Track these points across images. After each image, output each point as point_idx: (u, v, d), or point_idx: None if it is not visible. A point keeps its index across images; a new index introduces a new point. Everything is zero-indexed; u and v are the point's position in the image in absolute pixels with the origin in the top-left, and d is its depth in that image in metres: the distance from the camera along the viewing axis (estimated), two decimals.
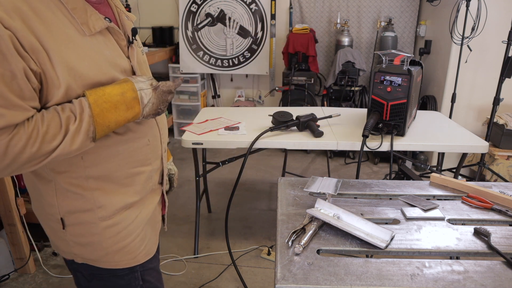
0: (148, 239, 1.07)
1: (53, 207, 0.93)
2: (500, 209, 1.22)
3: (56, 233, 0.98)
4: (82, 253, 0.98)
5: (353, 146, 1.99)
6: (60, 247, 1.01)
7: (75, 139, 0.80)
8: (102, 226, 0.95)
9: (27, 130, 0.76)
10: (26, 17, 0.74)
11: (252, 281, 2.13)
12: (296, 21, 4.12)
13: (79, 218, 0.94)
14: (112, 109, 0.84)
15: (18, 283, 2.09)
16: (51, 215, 0.95)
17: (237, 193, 3.13)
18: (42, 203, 0.96)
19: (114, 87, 0.86)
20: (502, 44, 2.70)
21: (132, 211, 1.00)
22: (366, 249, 1.01)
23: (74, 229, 0.95)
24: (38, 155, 0.77)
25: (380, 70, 1.94)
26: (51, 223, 0.97)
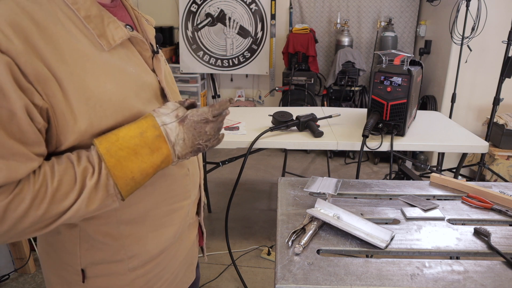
0: (178, 280, 0.93)
1: (74, 257, 0.77)
2: (500, 209, 1.22)
3: (70, 286, 0.80)
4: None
5: (353, 146, 1.99)
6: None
7: (93, 197, 0.64)
8: (132, 277, 0.80)
9: (32, 188, 0.59)
10: (29, 35, 0.58)
11: (252, 281, 2.13)
12: (296, 21, 4.12)
13: (105, 270, 0.78)
14: (131, 156, 0.66)
15: (18, 283, 2.09)
16: (69, 266, 0.78)
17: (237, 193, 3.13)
18: (57, 250, 0.79)
19: (130, 127, 0.67)
20: (502, 44, 2.70)
21: (167, 255, 0.86)
22: (366, 249, 1.01)
23: (97, 282, 0.79)
24: (45, 218, 0.61)
25: (380, 70, 1.94)
26: (66, 275, 0.79)
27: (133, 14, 0.83)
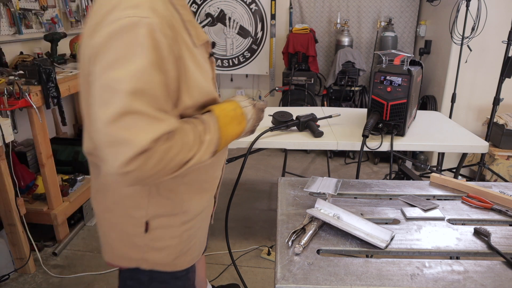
0: (202, 241, 1.12)
1: (141, 210, 0.92)
2: (500, 209, 1.22)
3: (129, 238, 0.94)
4: (154, 258, 0.97)
5: (353, 146, 1.99)
6: (127, 255, 0.96)
7: (208, 150, 0.84)
8: (181, 230, 0.98)
9: (179, 139, 0.78)
10: (172, 24, 0.79)
11: (252, 281, 2.13)
12: (296, 21, 4.12)
13: (164, 222, 0.94)
14: (230, 123, 0.92)
15: (18, 283, 2.09)
16: (134, 219, 0.92)
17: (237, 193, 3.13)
18: (124, 206, 0.92)
19: (227, 103, 0.94)
20: (502, 44, 2.70)
21: (202, 216, 1.04)
22: (366, 249, 1.01)
23: (156, 232, 0.94)
24: (180, 163, 0.78)
25: (380, 70, 1.93)
26: (129, 228, 0.93)
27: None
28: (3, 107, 1.92)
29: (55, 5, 3.06)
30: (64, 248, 2.39)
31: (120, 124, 0.69)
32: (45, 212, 2.32)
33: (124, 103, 0.69)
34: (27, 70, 2.13)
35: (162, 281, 1.01)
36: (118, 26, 0.71)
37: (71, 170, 2.71)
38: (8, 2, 2.55)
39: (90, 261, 2.27)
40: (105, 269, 2.20)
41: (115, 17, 0.72)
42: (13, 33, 2.64)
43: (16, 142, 2.65)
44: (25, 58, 2.61)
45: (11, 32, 2.63)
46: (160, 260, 0.98)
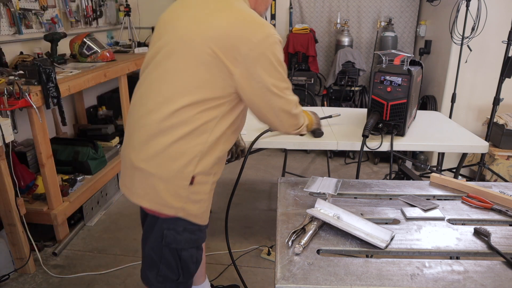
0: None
1: (192, 166, 1.12)
2: (500, 209, 1.22)
3: (176, 189, 1.14)
4: (190, 209, 1.18)
5: (353, 146, 1.99)
6: (170, 203, 1.15)
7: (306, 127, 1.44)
8: (210, 188, 1.22)
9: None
10: None
11: (252, 281, 2.13)
12: (296, 21, 4.12)
13: (203, 179, 1.17)
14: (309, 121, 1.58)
15: (18, 283, 2.09)
16: (183, 173, 1.12)
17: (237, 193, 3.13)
18: (180, 162, 1.12)
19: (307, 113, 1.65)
20: (502, 44, 2.70)
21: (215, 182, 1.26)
22: (366, 249, 1.02)
23: (196, 186, 1.16)
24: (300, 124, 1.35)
25: (380, 70, 1.93)
26: (178, 180, 1.13)
27: None
28: (3, 107, 1.92)
29: (55, 5, 3.06)
30: (64, 248, 2.39)
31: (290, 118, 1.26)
32: (45, 212, 2.32)
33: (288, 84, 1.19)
34: (27, 70, 2.13)
35: (192, 231, 1.23)
36: (275, 40, 1.11)
37: (71, 170, 2.71)
38: (8, 2, 2.55)
39: (90, 261, 2.27)
40: (105, 269, 2.20)
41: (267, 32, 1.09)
42: (13, 33, 2.65)
43: (16, 142, 2.65)
44: (25, 58, 2.61)
45: (11, 32, 2.63)
46: (194, 211, 1.19)
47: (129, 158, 1.17)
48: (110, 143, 3.26)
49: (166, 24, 1.17)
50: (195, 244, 1.26)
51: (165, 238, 1.20)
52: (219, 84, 1.07)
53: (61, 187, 2.43)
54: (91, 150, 2.75)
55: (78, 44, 2.88)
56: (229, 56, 1.03)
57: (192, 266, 1.28)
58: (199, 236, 1.26)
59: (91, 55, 2.90)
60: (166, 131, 1.10)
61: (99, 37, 3.15)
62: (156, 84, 1.12)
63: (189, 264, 1.27)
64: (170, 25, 1.15)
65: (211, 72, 1.05)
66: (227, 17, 1.05)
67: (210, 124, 1.10)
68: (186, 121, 1.08)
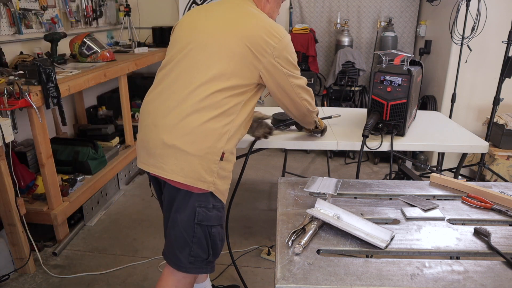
0: None
1: (222, 143, 1.28)
2: (500, 209, 1.22)
3: (209, 164, 1.27)
4: (219, 184, 1.31)
5: (353, 146, 1.99)
6: (204, 177, 1.27)
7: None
8: (232, 167, 1.37)
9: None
10: None
11: (252, 281, 2.13)
12: (296, 21, 4.12)
13: (229, 157, 1.33)
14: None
15: (18, 283, 2.09)
16: (215, 149, 1.27)
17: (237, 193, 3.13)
18: (212, 139, 1.27)
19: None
20: (502, 44, 2.70)
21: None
22: (366, 249, 1.02)
23: (224, 163, 1.31)
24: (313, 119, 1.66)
25: (380, 70, 1.93)
26: (211, 156, 1.27)
27: None
28: (3, 107, 1.92)
29: (55, 5, 3.06)
30: (64, 248, 2.39)
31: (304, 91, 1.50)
32: (45, 212, 2.32)
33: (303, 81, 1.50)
34: (27, 70, 2.13)
35: (218, 209, 1.35)
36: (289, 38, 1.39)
37: (71, 170, 2.71)
38: (8, 2, 2.55)
39: (90, 261, 2.27)
40: (105, 269, 2.20)
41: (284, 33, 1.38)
42: (13, 33, 2.65)
43: (16, 142, 2.65)
44: (25, 58, 2.61)
45: (11, 32, 2.63)
46: (221, 186, 1.33)
47: (160, 138, 1.29)
48: (110, 143, 3.26)
49: (192, 25, 1.39)
50: (221, 222, 1.38)
51: (197, 216, 1.31)
52: (247, 74, 1.31)
53: (61, 187, 2.43)
54: (91, 150, 2.75)
55: (78, 44, 2.88)
56: (259, 50, 1.30)
57: (219, 244, 1.39)
58: (223, 214, 1.39)
59: (91, 55, 2.90)
60: (200, 111, 1.27)
61: (99, 37, 3.15)
62: (188, 73, 1.31)
63: (217, 242, 1.37)
64: (197, 25, 1.38)
65: (242, 63, 1.29)
66: (256, 21, 1.34)
67: (237, 107, 1.31)
68: (219, 103, 1.27)
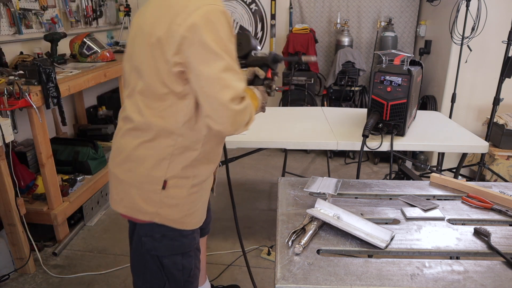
0: (204, 207, 1.27)
1: (161, 170, 1.09)
2: (500, 209, 1.22)
3: (147, 194, 1.11)
4: (166, 214, 1.13)
5: (353, 146, 1.99)
6: (143, 208, 1.13)
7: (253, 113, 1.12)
8: (190, 192, 1.15)
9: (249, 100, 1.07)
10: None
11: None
12: (296, 21, 4.12)
13: (178, 182, 1.12)
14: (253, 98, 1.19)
15: (18, 283, 2.09)
16: (155, 177, 1.10)
17: (237, 193, 3.13)
18: (147, 166, 1.10)
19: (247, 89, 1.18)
20: (502, 44, 2.70)
21: (205, 184, 1.21)
22: (366, 249, 1.01)
23: (170, 190, 1.11)
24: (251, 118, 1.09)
25: (380, 70, 1.94)
26: (149, 185, 1.11)
27: None
28: (3, 107, 1.92)
29: (55, 5, 3.06)
30: (64, 248, 2.39)
31: (226, 76, 0.98)
32: (45, 212, 2.32)
33: (227, 62, 0.98)
34: (27, 70, 2.13)
35: (172, 238, 1.17)
36: (205, 10, 0.97)
37: (71, 170, 2.71)
38: (8, 2, 2.55)
39: (90, 261, 2.27)
40: (105, 269, 2.20)
41: (196, 6, 0.97)
42: (13, 33, 2.64)
43: (16, 142, 2.65)
44: (25, 58, 2.61)
45: (11, 32, 2.63)
46: (171, 216, 1.14)
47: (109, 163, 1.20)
48: (110, 143, 3.25)
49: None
50: (179, 251, 1.20)
51: (144, 245, 1.17)
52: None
53: (61, 187, 2.43)
54: (91, 150, 2.75)
55: (78, 44, 2.88)
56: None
57: (178, 273, 1.22)
58: (182, 243, 1.19)
59: (91, 55, 2.90)
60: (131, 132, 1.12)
61: (99, 37, 3.14)
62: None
63: (173, 272, 1.21)
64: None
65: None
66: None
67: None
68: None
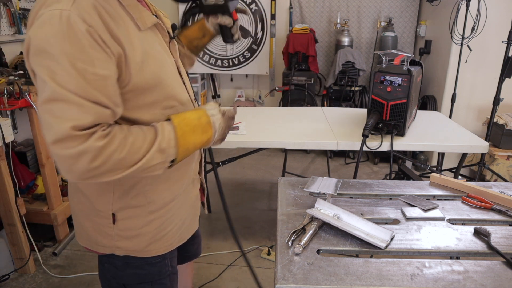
0: (185, 227, 1.14)
1: (107, 204, 0.97)
2: (500, 209, 1.22)
3: (100, 228, 1.00)
4: (126, 246, 1.01)
5: (353, 146, 1.99)
6: (100, 242, 1.02)
7: (156, 155, 0.83)
8: (150, 219, 1.01)
9: (119, 137, 0.79)
10: (101, 12, 0.79)
11: (252, 281, 2.12)
12: (296, 21, 4.12)
13: (130, 213, 0.98)
14: (191, 132, 0.90)
15: (18, 283, 2.09)
16: (101, 212, 0.98)
17: (237, 193, 3.13)
18: (91, 199, 0.98)
19: (192, 112, 0.94)
20: (502, 44, 2.70)
21: (176, 203, 1.06)
22: (366, 249, 1.01)
23: (124, 223, 0.99)
24: (121, 164, 0.80)
25: (380, 70, 1.94)
26: (98, 219, 0.99)
27: (152, 9, 1.02)
28: (3, 107, 1.92)
29: None
30: (64, 248, 2.39)
31: (47, 108, 0.75)
32: (45, 212, 2.32)
33: (52, 90, 0.74)
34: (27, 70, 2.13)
35: (136, 266, 1.05)
36: (41, 20, 0.76)
37: None
38: (8, 2, 2.55)
39: (90, 261, 2.27)
40: None
41: (41, 13, 0.77)
42: (13, 33, 2.64)
43: (16, 142, 2.65)
44: None
45: (11, 32, 2.63)
46: (132, 247, 1.02)
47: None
48: None
49: None
50: (146, 279, 1.07)
51: (108, 272, 1.07)
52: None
53: (61, 187, 2.43)
54: None
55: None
56: None
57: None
58: (149, 271, 1.06)
59: None
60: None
61: None
62: None
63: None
64: None
65: None
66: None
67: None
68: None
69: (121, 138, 0.79)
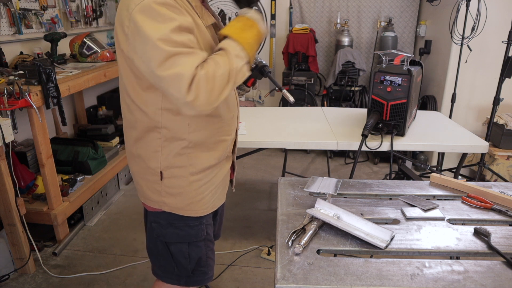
0: (217, 196, 1.28)
1: (156, 162, 1.15)
2: (500, 209, 1.22)
3: (152, 185, 1.19)
4: (171, 202, 1.19)
5: (353, 146, 1.99)
6: (151, 197, 1.21)
7: (236, 61, 1.03)
8: (191, 180, 1.18)
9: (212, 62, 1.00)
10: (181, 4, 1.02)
11: (252, 281, 2.13)
12: (296, 21, 4.12)
13: (175, 172, 1.16)
14: (242, 31, 1.07)
15: (18, 283, 2.09)
16: (152, 169, 1.16)
17: (237, 193, 3.13)
18: (145, 160, 1.17)
19: (232, 23, 1.11)
20: (502, 44, 2.70)
21: (211, 171, 1.22)
22: (366, 249, 1.01)
23: (169, 181, 1.17)
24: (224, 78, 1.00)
25: (380, 70, 1.94)
26: (150, 176, 1.18)
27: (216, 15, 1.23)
28: (3, 107, 1.92)
29: (55, 5, 3.06)
30: (64, 248, 2.39)
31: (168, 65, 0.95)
32: (45, 212, 2.32)
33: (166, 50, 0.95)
34: (27, 70, 2.13)
35: (177, 227, 1.23)
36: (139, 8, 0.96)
37: (71, 170, 2.71)
38: (8, 2, 2.55)
39: (90, 261, 2.27)
40: (105, 269, 2.20)
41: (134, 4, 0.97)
42: (13, 33, 2.64)
43: (16, 142, 2.65)
44: (25, 58, 2.61)
45: (11, 32, 2.63)
46: (175, 204, 1.20)
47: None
48: (110, 143, 3.26)
49: None
50: (185, 240, 1.24)
51: (154, 230, 1.26)
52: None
53: (61, 187, 2.43)
54: (91, 150, 2.75)
55: (78, 44, 2.88)
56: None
57: (184, 261, 1.26)
58: (187, 232, 1.23)
59: (91, 55, 2.90)
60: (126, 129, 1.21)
61: (99, 37, 3.14)
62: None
63: (180, 259, 1.25)
64: None
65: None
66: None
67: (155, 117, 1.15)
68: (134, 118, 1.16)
69: (211, 62, 0.99)
